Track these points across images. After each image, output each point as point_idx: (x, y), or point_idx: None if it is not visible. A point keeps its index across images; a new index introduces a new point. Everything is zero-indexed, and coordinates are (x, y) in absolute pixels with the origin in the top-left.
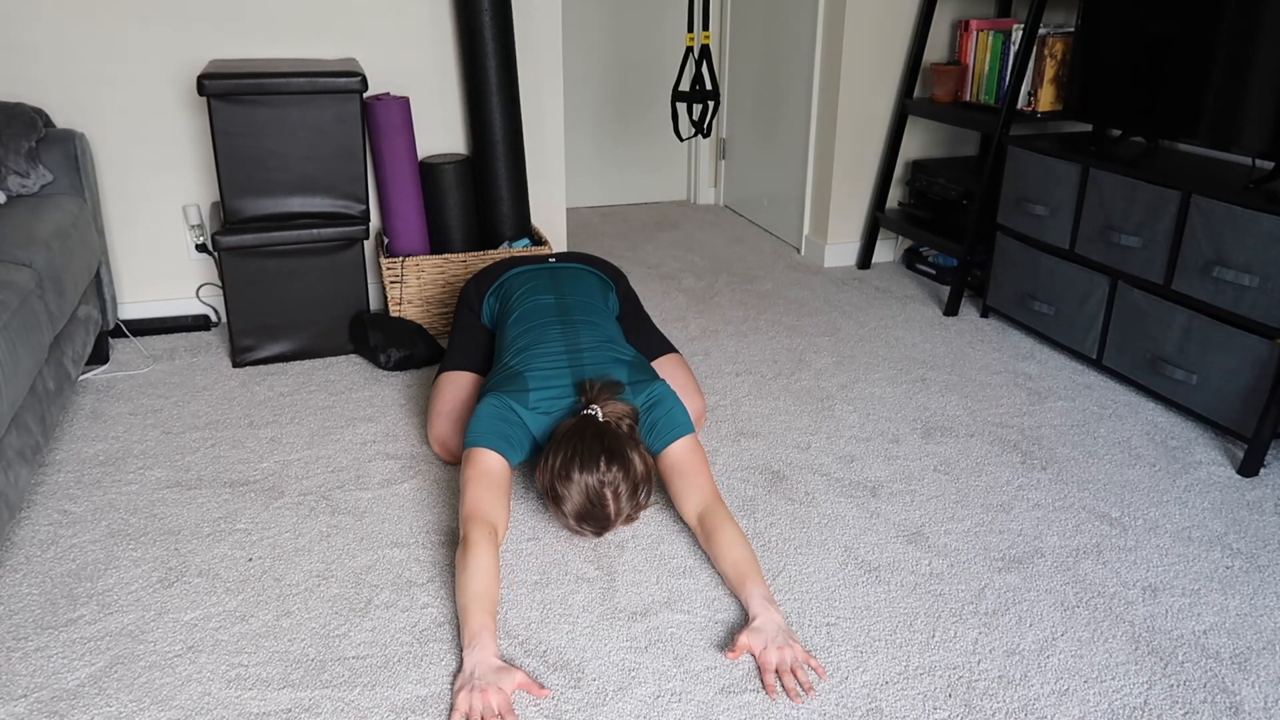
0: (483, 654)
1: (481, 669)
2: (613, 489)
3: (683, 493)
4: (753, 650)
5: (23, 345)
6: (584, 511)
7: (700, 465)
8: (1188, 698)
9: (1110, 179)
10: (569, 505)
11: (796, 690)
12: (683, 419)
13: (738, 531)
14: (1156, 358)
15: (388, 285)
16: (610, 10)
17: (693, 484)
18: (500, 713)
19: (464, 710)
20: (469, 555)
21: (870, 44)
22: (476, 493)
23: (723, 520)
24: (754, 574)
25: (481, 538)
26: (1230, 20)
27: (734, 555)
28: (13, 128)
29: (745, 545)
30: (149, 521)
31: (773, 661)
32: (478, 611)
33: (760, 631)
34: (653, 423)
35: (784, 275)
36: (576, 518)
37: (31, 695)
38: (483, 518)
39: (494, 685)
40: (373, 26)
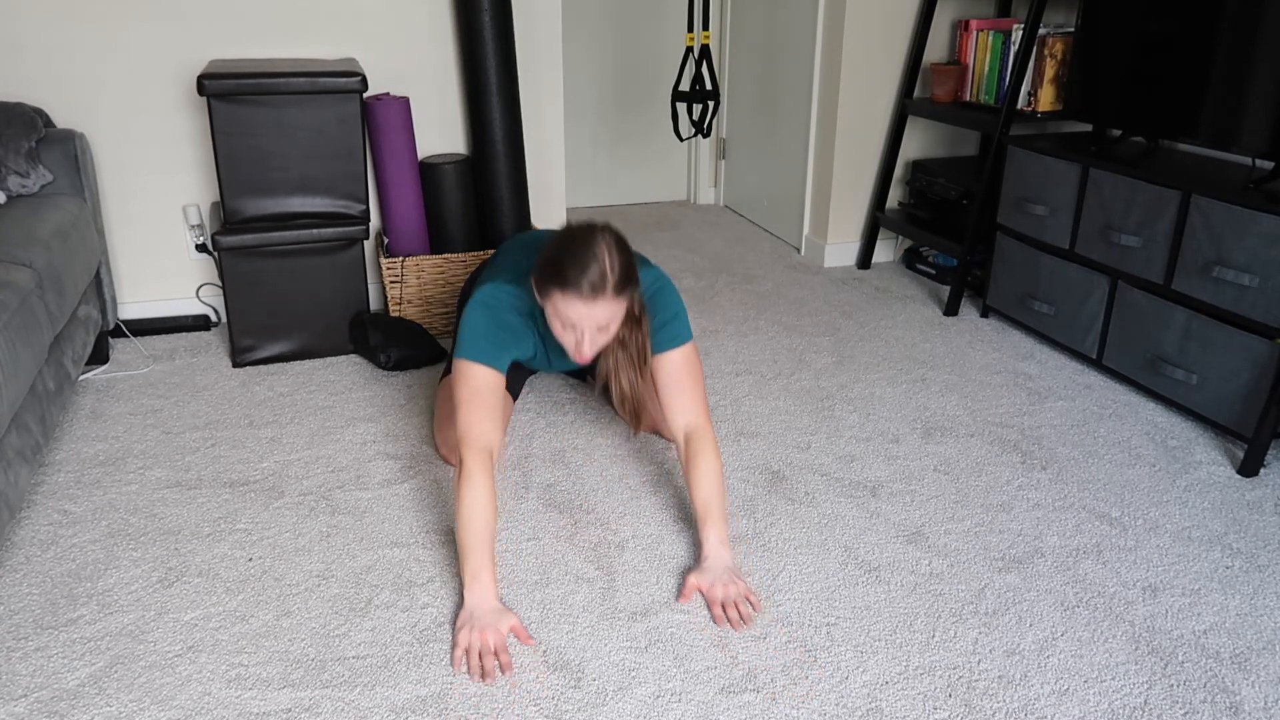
0: (483, 594)
1: (481, 610)
2: (605, 243)
3: (674, 404)
4: (701, 588)
5: (23, 345)
6: (576, 269)
7: (696, 378)
8: (1188, 698)
9: (1110, 179)
10: (559, 274)
11: (739, 620)
12: (684, 326)
13: (715, 466)
14: (1156, 358)
15: (388, 285)
16: (610, 10)
17: (686, 398)
18: (496, 651)
19: (464, 646)
20: (468, 491)
21: (870, 44)
22: (470, 415)
23: (706, 448)
24: (717, 515)
25: (478, 469)
26: (1230, 20)
27: (704, 492)
28: (13, 128)
29: (717, 482)
30: (149, 521)
31: (718, 597)
32: (477, 551)
33: (708, 571)
34: (654, 320)
35: (784, 275)
36: (570, 271)
37: (31, 695)
38: (478, 444)
39: (492, 626)
40: (373, 26)
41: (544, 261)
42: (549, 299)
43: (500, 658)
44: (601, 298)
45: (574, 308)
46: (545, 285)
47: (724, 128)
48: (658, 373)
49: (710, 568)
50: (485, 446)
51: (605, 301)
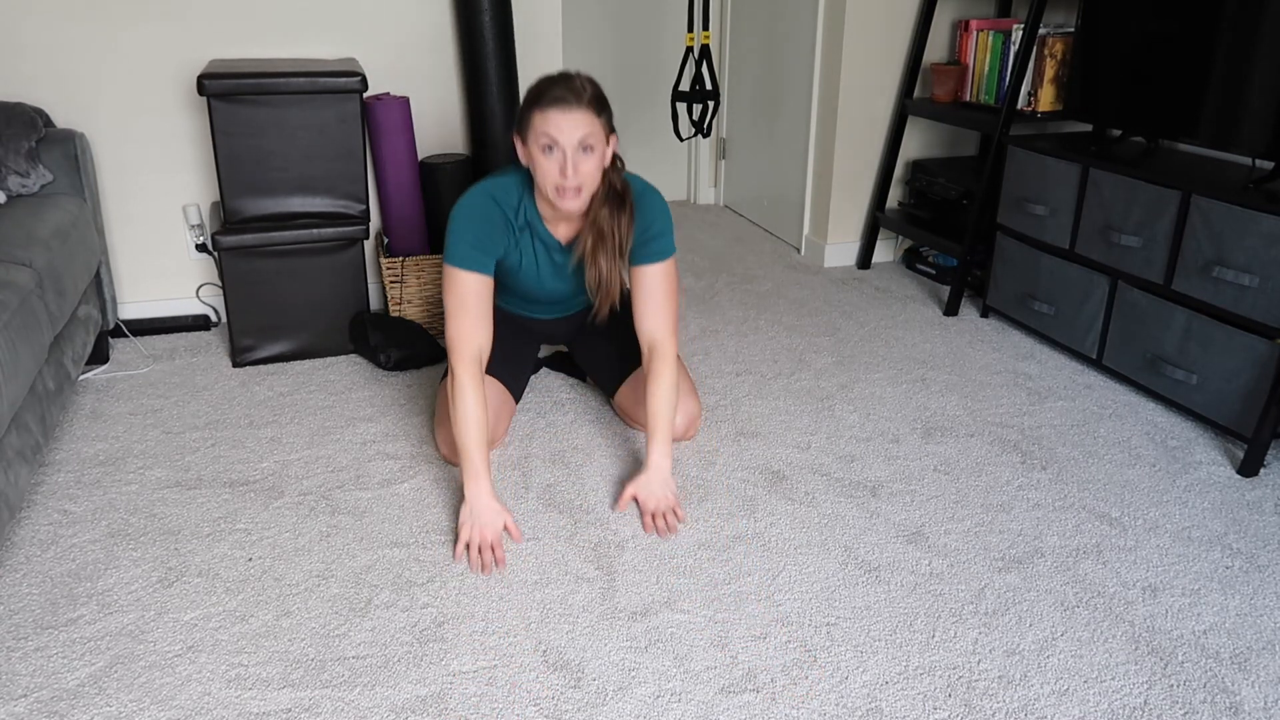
0: (480, 490)
1: (480, 506)
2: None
3: (644, 312)
4: (636, 497)
5: (23, 345)
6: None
7: (670, 293)
8: (1188, 698)
9: (1110, 179)
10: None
11: (665, 529)
12: (670, 242)
13: (671, 384)
14: (1156, 358)
15: (388, 285)
16: (610, 10)
17: (657, 308)
18: (493, 545)
19: (466, 539)
20: (461, 401)
21: (870, 44)
22: (458, 324)
23: (666, 364)
24: (663, 430)
25: (469, 379)
26: (1230, 20)
27: (657, 406)
28: (13, 128)
29: (670, 400)
30: (149, 521)
31: (650, 508)
32: (474, 453)
33: (645, 484)
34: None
35: (784, 275)
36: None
37: (31, 695)
38: (467, 352)
39: (490, 524)
40: (373, 26)
41: (523, 102)
42: (530, 128)
43: (496, 552)
44: (577, 108)
45: (552, 119)
46: (525, 116)
47: (724, 128)
48: (637, 283)
49: (648, 480)
50: (474, 355)
51: (581, 111)
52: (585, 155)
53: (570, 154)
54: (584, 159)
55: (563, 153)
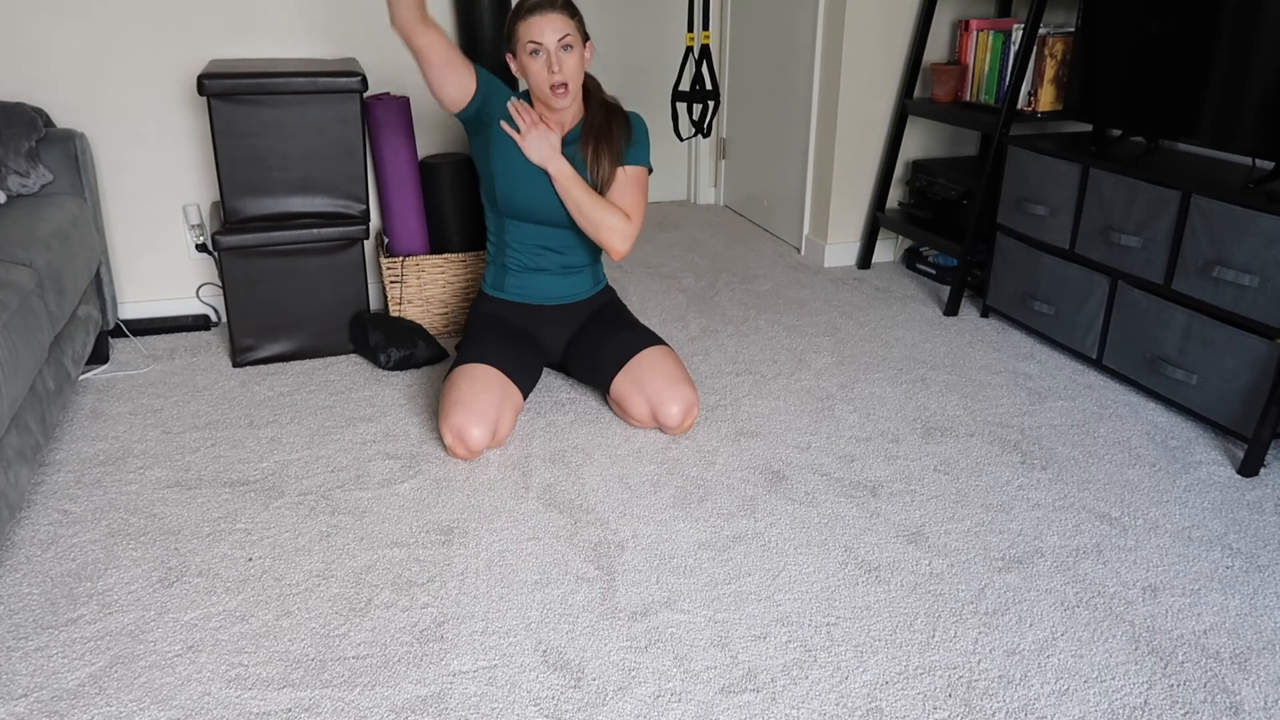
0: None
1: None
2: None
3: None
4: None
5: (23, 345)
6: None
7: (638, 192)
8: (1188, 698)
9: (1110, 179)
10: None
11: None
12: (644, 152)
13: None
14: (1156, 358)
15: (388, 285)
16: (610, 10)
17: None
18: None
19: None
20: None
21: (870, 44)
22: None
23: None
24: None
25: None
26: (1230, 20)
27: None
28: (13, 128)
29: (598, 200)
30: (149, 521)
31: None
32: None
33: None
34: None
35: (784, 275)
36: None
37: (31, 695)
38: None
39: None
40: (373, 26)
41: (507, 19)
42: (515, 40)
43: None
44: (551, 11)
45: (534, 25)
46: (511, 29)
47: (724, 128)
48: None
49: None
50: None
51: (556, 14)
52: (567, 53)
53: (554, 51)
54: (566, 56)
55: (547, 52)
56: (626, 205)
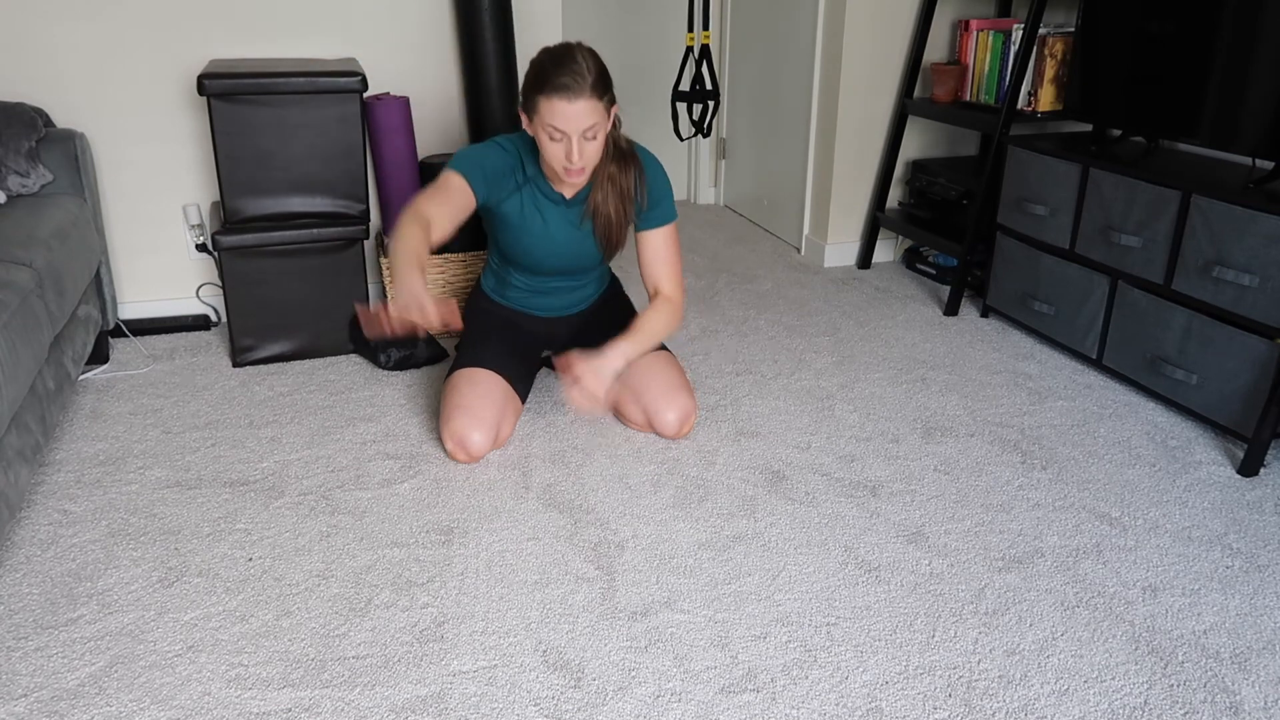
0: (410, 282)
1: (409, 290)
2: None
3: (651, 271)
4: (574, 369)
5: (23, 345)
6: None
7: (675, 255)
8: (1188, 698)
9: (1110, 179)
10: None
11: (573, 388)
12: (671, 209)
13: (667, 313)
14: (1156, 358)
15: (388, 285)
16: (610, 10)
17: (666, 269)
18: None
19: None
20: (399, 230)
21: (870, 44)
22: (424, 197)
23: (669, 301)
24: (638, 335)
25: (413, 220)
26: (1230, 20)
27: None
28: (13, 128)
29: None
30: (149, 521)
31: (573, 370)
32: (404, 264)
33: (591, 360)
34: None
35: (784, 275)
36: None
37: (31, 695)
38: (418, 211)
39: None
40: (373, 26)
41: (527, 79)
42: (535, 112)
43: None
44: (581, 96)
45: (557, 109)
46: (530, 98)
47: (724, 128)
48: (643, 247)
49: (597, 360)
50: (421, 213)
51: (585, 100)
52: (590, 140)
53: (576, 141)
54: (589, 144)
55: (569, 140)
56: (667, 269)
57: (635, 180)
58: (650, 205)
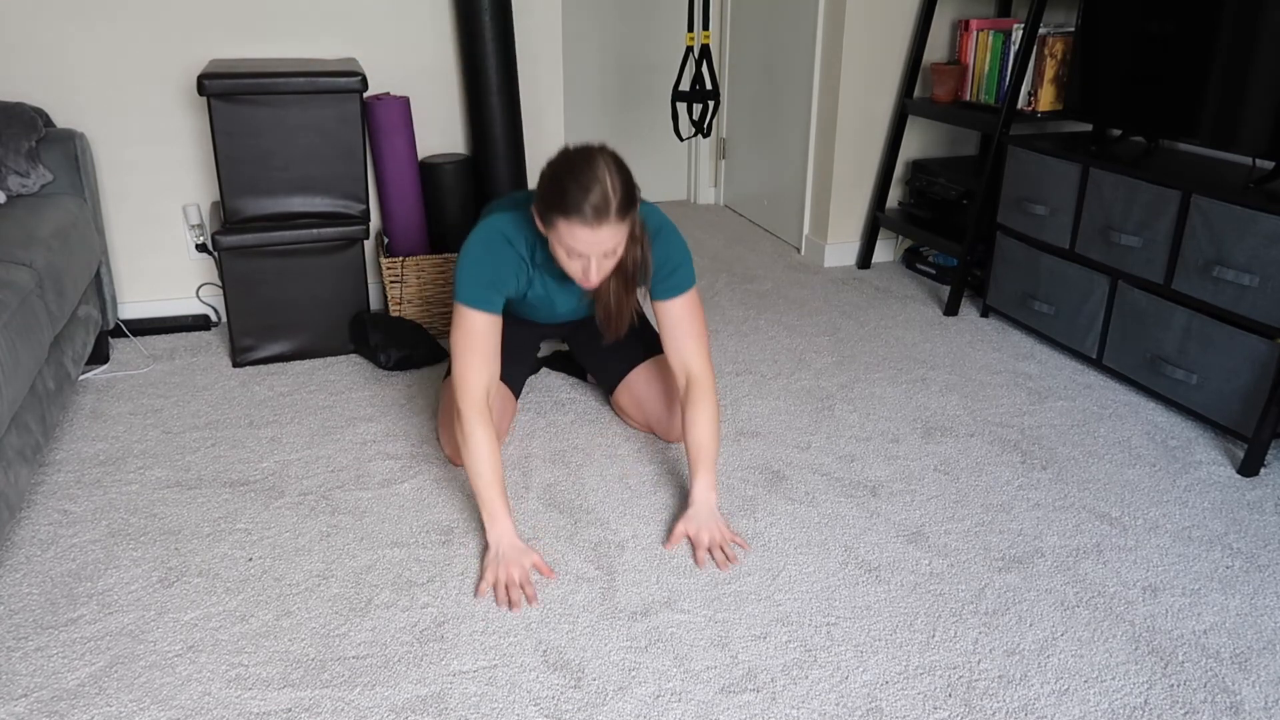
0: (503, 531)
1: (504, 546)
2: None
3: (677, 346)
4: (688, 534)
5: (23, 345)
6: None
7: (699, 324)
8: (1188, 698)
9: (1110, 179)
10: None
11: (725, 561)
12: (689, 273)
13: (712, 414)
14: (1156, 358)
15: (388, 285)
16: (610, 10)
17: (691, 342)
18: (521, 584)
19: (491, 580)
20: (470, 443)
21: (870, 44)
22: (466, 363)
23: (705, 395)
24: (707, 461)
25: (477, 420)
26: (1230, 20)
27: (700, 437)
28: (13, 128)
29: (712, 429)
30: (149, 521)
31: (704, 541)
32: (491, 494)
33: (693, 519)
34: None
35: (784, 275)
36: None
37: (31, 695)
38: (473, 394)
39: (516, 561)
40: (373, 26)
41: (545, 188)
42: (553, 228)
43: (525, 590)
44: (606, 222)
45: (579, 235)
46: (548, 213)
47: (724, 128)
48: (663, 318)
49: (696, 514)
50: (481, 395)
51: (610, 226)
52: (610, 256)
53: (596, 261)
54: (608, 261)
55: (588, 260)
56: (693, 343)
57: (643, 257)
58: (664, 273)
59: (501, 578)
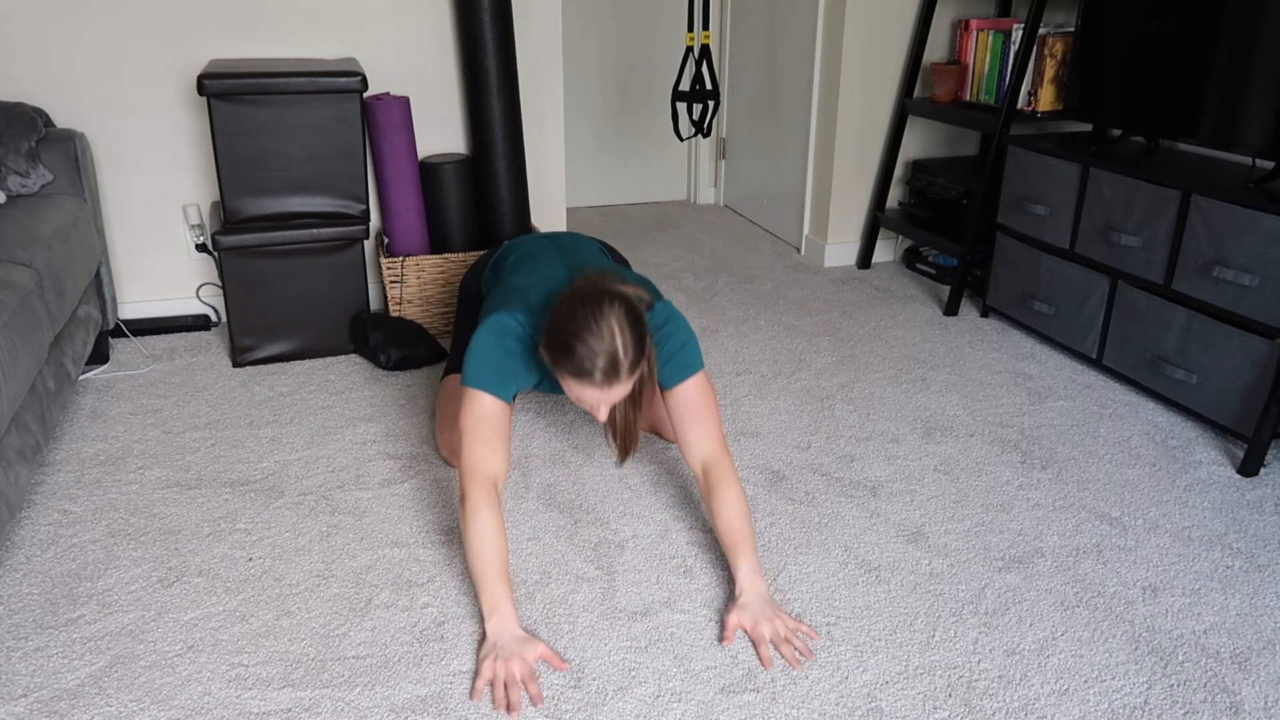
0: (504, 622)
1: (505, 638)
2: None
3: (689, 436)
4: (744, 627)
5: (23, 345)
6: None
7: (711, 408)
8: (1188, 698)
9: (1110, 179)
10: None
11: (796, 658)
12: (695, 355)
13: (739, 494)
14: (1156, 357)
15: (388, 285)
16: (610, 10)
17: (702, 429)
18: (523, 680)
19: (488, 677)
20: (473, 522)
21: (870, 44)
22: (473, 445)
23: (726, 478)
24: (745, 544)
25: (483, 500)
26: (1230, 20)
27: (729, 520)
28: (13, 128)
29: (742, 510)
30: (149, 521)
31: (765, 635)
32: (492, 580)
33: (747, 608)
34: (664, 352)
35: (784, 275)
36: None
37: (31, 695)
38: (482, 474)
39: (517, 654)
40: (373, 26)
41: (554, 339)
42: (562, 378)
43: (529, 688)
44: (616, 383)
45: (588, 392)
46: (557, 365)
47: (724, 128)
48: (670, 405)
49: (749, 603)
50: (489, 478)
51: (621, 384)
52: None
53: (605, 406)
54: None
55: (597, 406)
56: (698, 426)
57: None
58: (666, 361)
59: (500, 674)
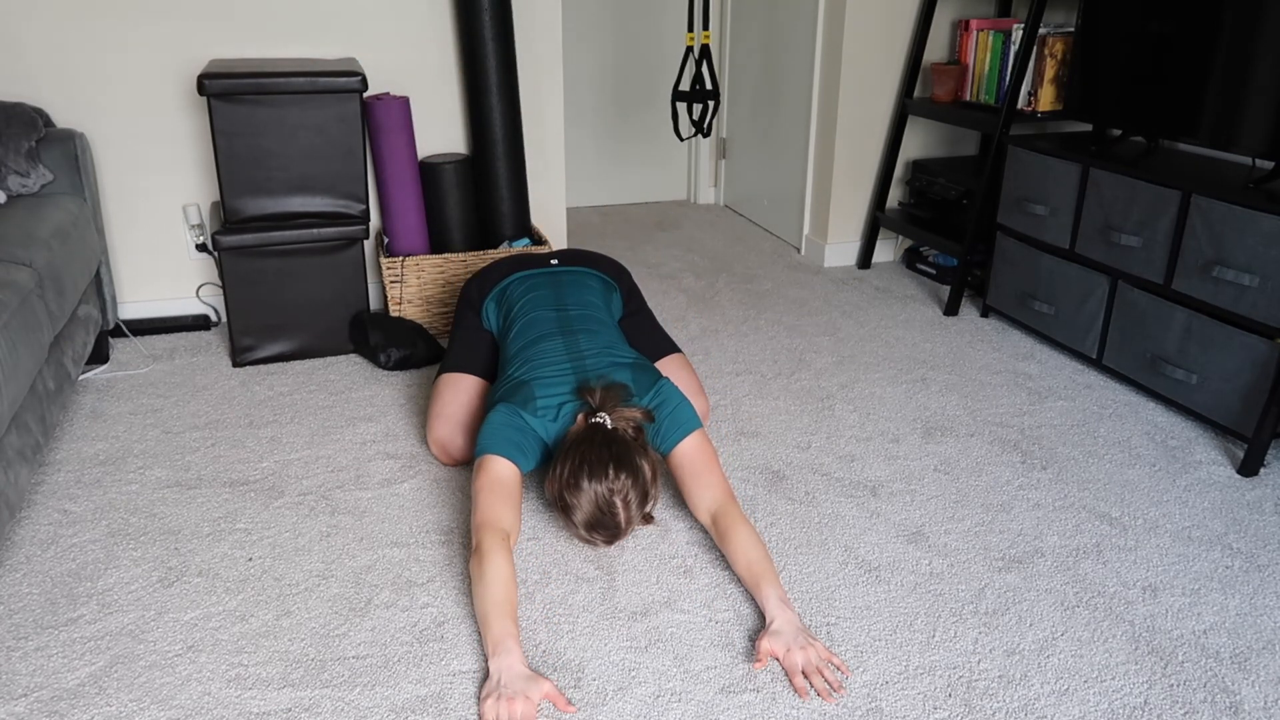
0: (508, 660)
1: (508, 676)
2: (622, 497)
3: (695, 492)
4: (775, 654)
5: (23, 345)
6: (594, 520)
7: (711, 462)
8: (1188, 698)
9: (1110, 179)
10: (579, 515)
11: (828, 690)
12: (690, 416)
13: (751, 532)
14: (1156, 358)
15: (388, 285)
16: (610, 10)
17: (704, 483)
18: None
19: (490, 718)
20: (484, 563)
21: (870, 44)
22: (488, 501)
23: (736, 520)
24: (769, 576)
25: (495, 545)
26: (1230, 20)
27: (748, 556)
28: (13, 128)
29: (759, 546)
30: (149, 521)
31: (798, 664)
32: (499, 618)
33: (780, 635)
34: (660, 421)
35: (784, 275)
36: (587, 527)
37: (31, 695)
38: (495, 525)
39: (521, 694)
40: (373, 26)
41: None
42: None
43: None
44: (624, 535)
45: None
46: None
47: (724, 128)
48: (673, 467)
49: (780, 630)
50: (503, 530)
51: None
52: None
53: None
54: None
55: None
56: (710, 479)
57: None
58: (661, 428)
59: (503, 716)
